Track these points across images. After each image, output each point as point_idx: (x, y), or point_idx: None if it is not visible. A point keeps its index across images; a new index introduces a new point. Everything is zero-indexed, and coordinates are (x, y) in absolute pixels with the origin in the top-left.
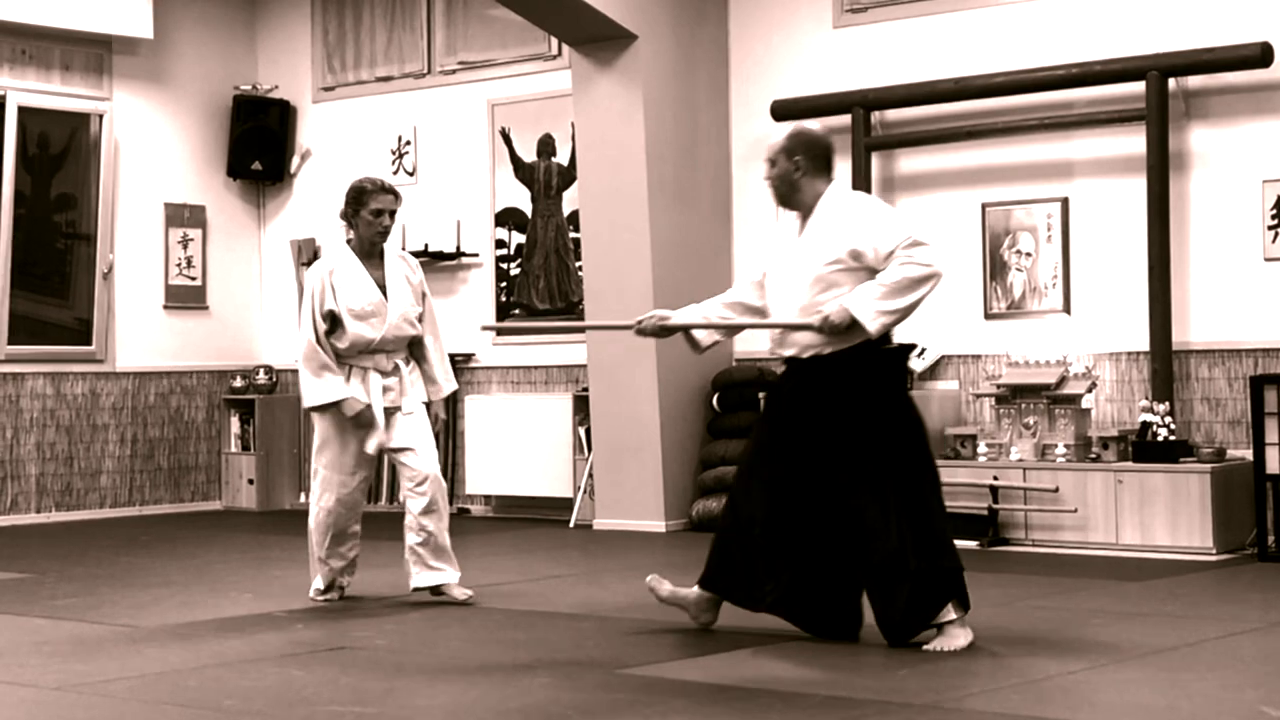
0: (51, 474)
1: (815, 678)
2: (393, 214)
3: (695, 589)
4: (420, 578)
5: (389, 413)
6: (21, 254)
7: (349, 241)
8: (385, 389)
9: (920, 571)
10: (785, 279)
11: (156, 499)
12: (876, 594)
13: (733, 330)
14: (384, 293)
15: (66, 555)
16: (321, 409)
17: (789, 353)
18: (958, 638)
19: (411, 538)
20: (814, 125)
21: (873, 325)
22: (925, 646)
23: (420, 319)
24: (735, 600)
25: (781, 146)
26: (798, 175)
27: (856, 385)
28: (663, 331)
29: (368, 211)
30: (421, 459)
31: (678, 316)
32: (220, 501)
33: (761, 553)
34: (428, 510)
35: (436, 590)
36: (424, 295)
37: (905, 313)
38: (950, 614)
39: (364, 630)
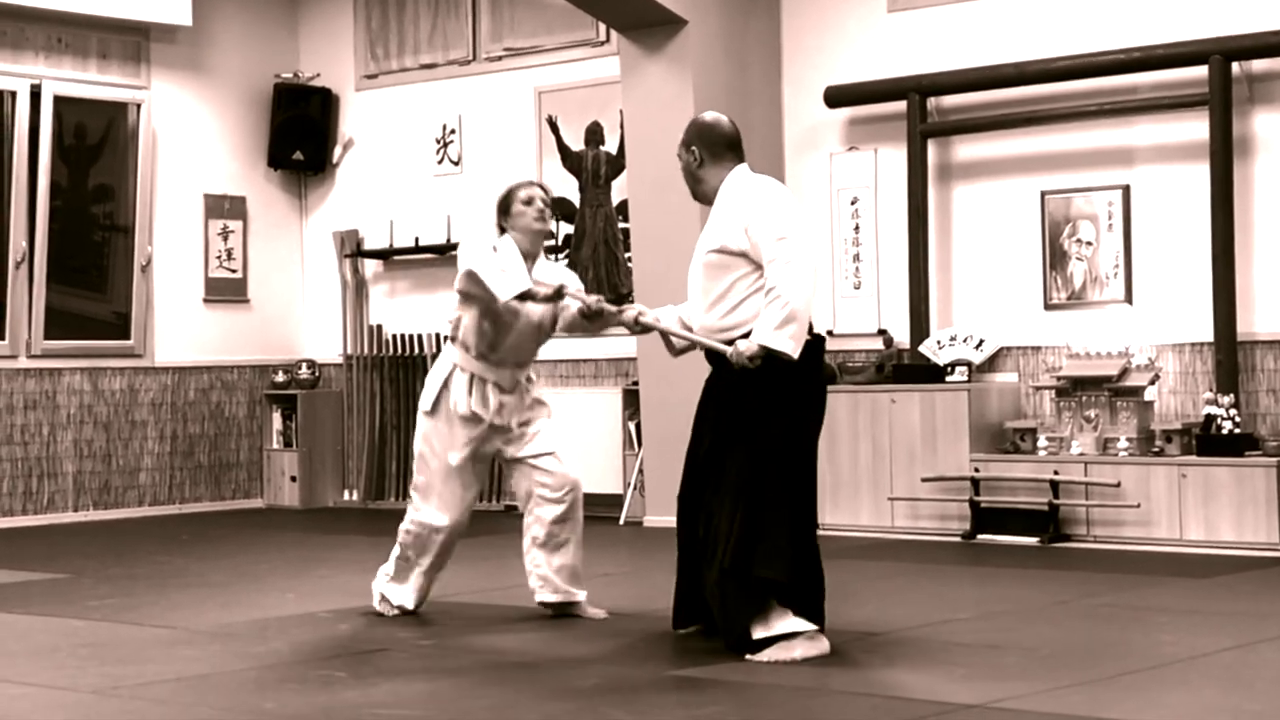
0: (89, 472)
1: (869, 679)
2: (545, 202)
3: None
4: (546, 594)
5: (502, 429)
6: (58, 247)
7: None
8: (501, 405)
9: (733, 572)
10: (692, 270)
11: (196, 497)
12: (712, 589)
13: (693, 343)
14: None
15: (104, 555)
16: (434, 410)
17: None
18: (793, 649)
19: (539, 554)
20: (712, 114)
21: (789, 347)
22: (751, 657)
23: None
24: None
25: (682, 140)
26: (697, 166)
27: (759, 376)
28: (641, 329)
29: (518, 203)
30: (564, 464)
31: (661, 317)
32: (262, 499)
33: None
34: (563, 519)
35: (563, 608)
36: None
37: (806, 314)
38: (788, 625)
39: (408, 631)
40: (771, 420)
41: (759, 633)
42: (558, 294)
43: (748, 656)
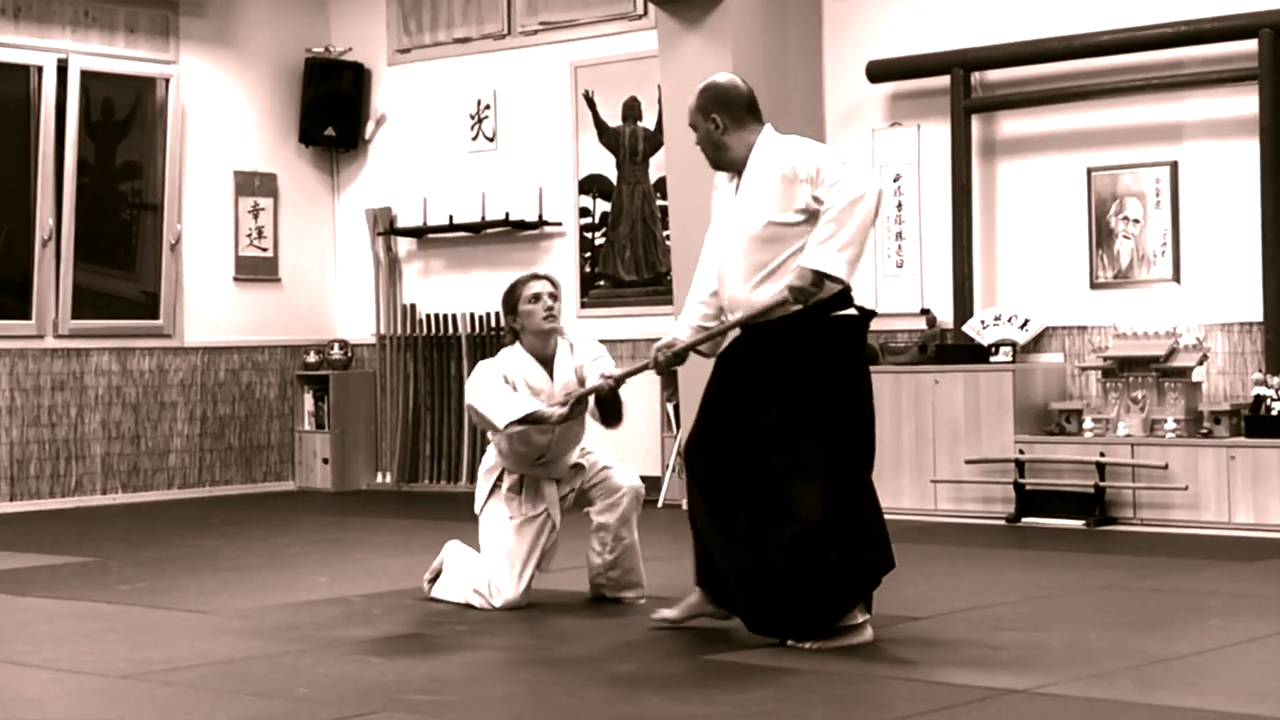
0: (118, 454)
1: (912, 664)
2: (554, 296)
3: (697, 591)
4: (603, 591)
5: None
6: (85, 225)
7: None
8: (558, 484)
9: (839, 563)
10: (730, 241)
11: (227, 479)
12: (782, 576)
13: (726, 334)
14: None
15: (133, 538)
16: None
17: (736, 317)
18: (847, 637)
19: (600, 557)
20: (724, 76)
21: (841, 270)
22: (795, 642)
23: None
24: (716, 601)
25: (696, 108)
26: (720, 134)
27: (806, 351)
28: (677, 359)
29: (525, 301)
30: (621, 472)
31: (677, 335)
32: (294, 482)
33: (713, 541)
34: (625, 520)
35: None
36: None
37: (857, 240)
38: (856, 617)
39: (443, 616)
40: (844, 397)
41: (837, 620)
42: (572, 411)
43: (790, 642)
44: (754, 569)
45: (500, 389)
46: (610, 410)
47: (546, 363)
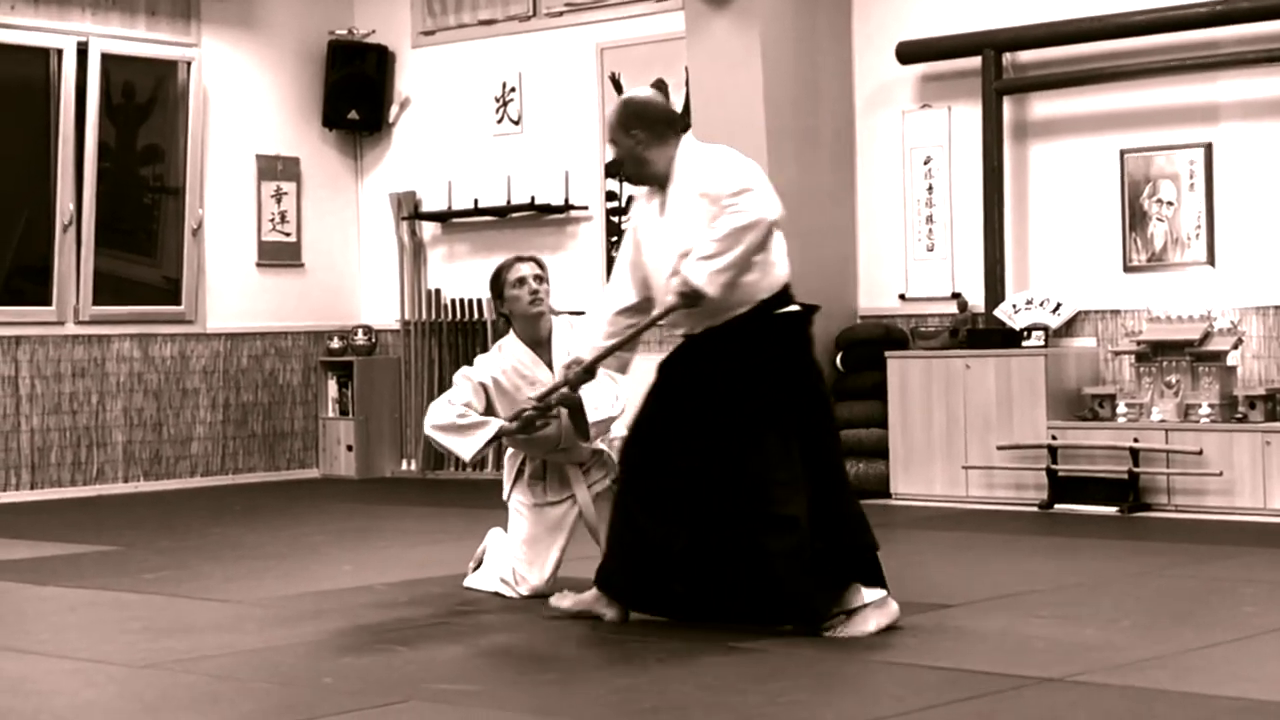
0: (139, 441)
1: (942, 652)
2: (539, 278)
3: (594, 590)
4: None
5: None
6: (106, 209)
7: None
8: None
9: (822, 554)
10: (660, 259)
11: (250, 467)
12: (772, 572)
13: (633, 342)
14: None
15: (156, 527)
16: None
17: (681, 331)
18: (867, 621)
19: None
20: (642, 91)
21: (708, 286)
22: (829, 633)
23: None
24: (638, 607)
25: (616, 124)
26: (641, 149)
27: (751, 351)
28: (587, 375)
29: (509, 286)
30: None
31: (585, 351)
32: (317, 469)
33: (659, 549)
34: None
35: None
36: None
37: (736, 265)
38: (861, 598)
39: (469, 604)
40: (799, 391)
41: (838, 607)
42: (525, 427)
43: (826, 633)
44: (724, 566)
45: (453, 420)
46: (573, 416)
47: (542, 346)
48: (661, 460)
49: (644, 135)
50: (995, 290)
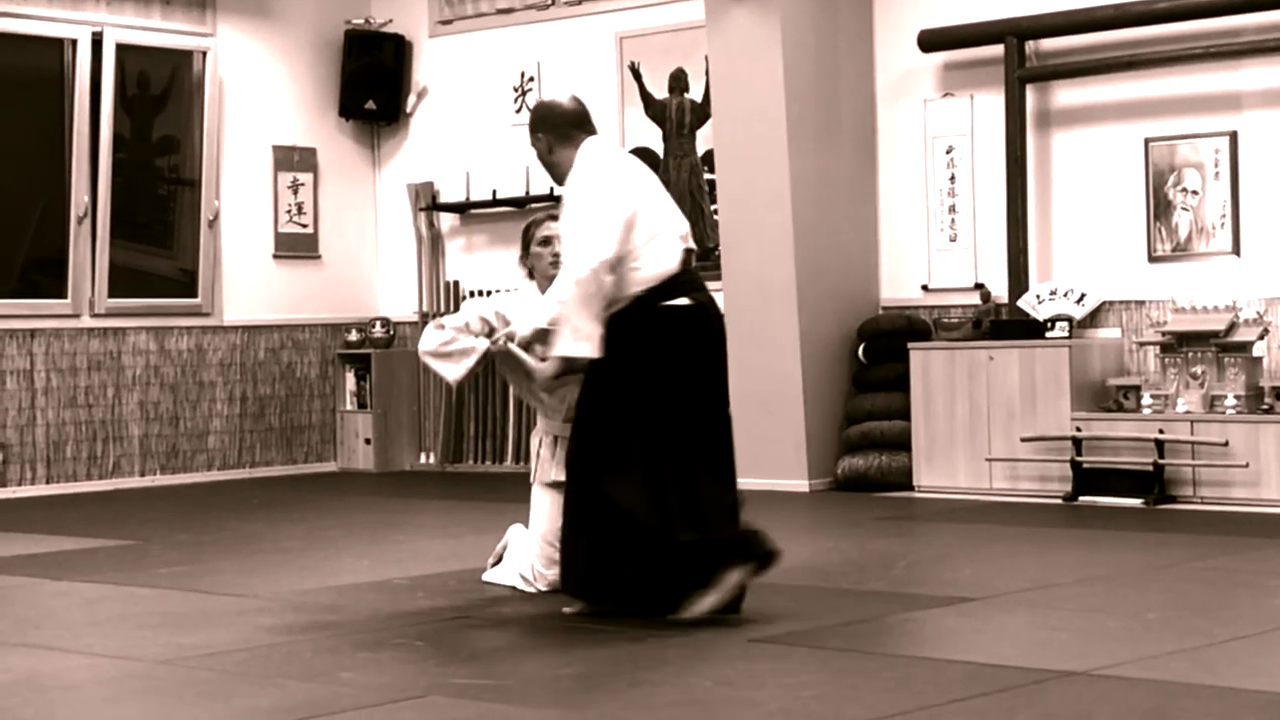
0: (156, 435)
1: (966, 645)
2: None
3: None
4: None
5: None
6: (122, 201)
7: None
8: None
9: (691, 545)
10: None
11: (267, 460)
12: (647, 566)
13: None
14: None
15: (172, 521)
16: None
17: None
18: (705, 602)
19: None
20: (550, 96)
21: (566, 347)
22: (686, 615)
23: None
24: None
25: (529, 128)
26: (548, 153)
27: (631, 343)
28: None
29: (535, 243)
30: None
31: (524, 329)
32: (335, 462)
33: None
34: None
35: None
36: None
37: (581, 309)
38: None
39: (488, 599)
40: (673, 384)
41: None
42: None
43: (684, 615)
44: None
45: (437, 346)
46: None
47: None
48: (579, 465)
49: (548, 139)
50: (1019, 281)
